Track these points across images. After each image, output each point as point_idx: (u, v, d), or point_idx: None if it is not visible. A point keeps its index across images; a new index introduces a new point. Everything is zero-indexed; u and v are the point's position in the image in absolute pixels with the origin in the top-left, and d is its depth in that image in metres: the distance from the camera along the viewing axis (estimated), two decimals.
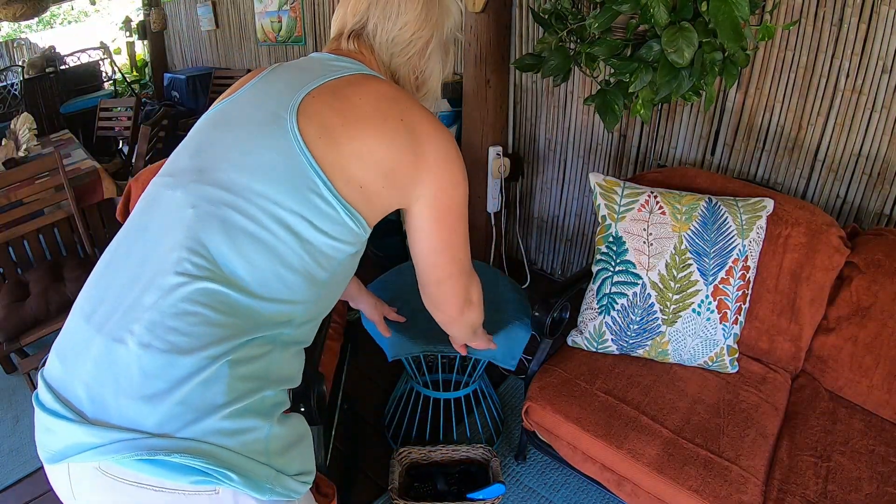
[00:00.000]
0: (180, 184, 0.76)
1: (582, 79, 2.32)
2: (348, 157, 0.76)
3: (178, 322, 0.66)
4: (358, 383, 2.11)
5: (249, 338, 0.70)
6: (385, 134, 0.79)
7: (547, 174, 2.63)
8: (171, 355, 0.65)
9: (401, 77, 0.94)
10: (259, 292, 0.71)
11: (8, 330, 1.89)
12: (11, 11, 3.95)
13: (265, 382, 0.71)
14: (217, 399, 0.65)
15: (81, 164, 2.71)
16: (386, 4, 0.88)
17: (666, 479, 1.28)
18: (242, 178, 0.73)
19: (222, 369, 0.66)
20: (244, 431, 0.66)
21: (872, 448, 1.35)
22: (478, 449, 1.68)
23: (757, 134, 1.92)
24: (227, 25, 4.52)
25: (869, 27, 1.60)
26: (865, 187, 1.75)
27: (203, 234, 0.71)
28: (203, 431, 0.64)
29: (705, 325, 1.51)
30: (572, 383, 1.50)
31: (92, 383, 0.66)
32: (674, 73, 1.36)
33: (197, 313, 0.67)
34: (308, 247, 0.74)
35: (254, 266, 0.71)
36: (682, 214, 1.54)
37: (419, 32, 0.90)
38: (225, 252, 0.70)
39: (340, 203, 0.75)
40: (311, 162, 0.74)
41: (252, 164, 0.74)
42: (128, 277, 0.71)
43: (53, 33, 9.45)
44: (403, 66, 0.93)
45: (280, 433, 0.71)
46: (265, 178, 0.73)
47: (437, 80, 0.98)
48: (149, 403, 0.63)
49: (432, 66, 0.95)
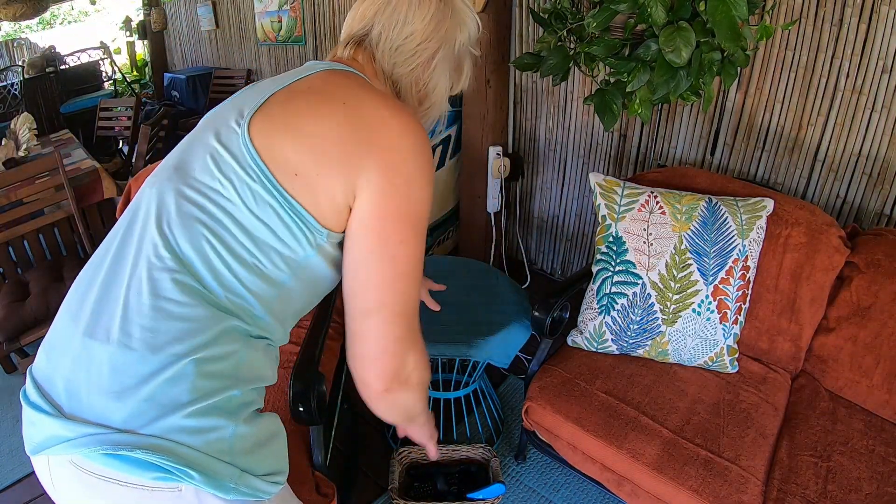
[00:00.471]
0: (157, 182, 0.78)
1: (582, 78, 2.32)
2: (282, 140, 0.74)
3: (145, 318, 0.68)
4: None
5: (214, 333, 0.69)
6: (321, 114, 0.75)
7: (547, 174, 2.62)
8: (138, 352, 0.66)
9: (402, 88, 0.90)
10: (215, 284, 0.71)
11: (8, 330, 1.89)
12: (11, 11, 3.95)
13: (232, 381, 0.71)
14: (181, 397, 0.66)
15: (81, 163, 2.71)
16: (393, 12, 0.85)
17: (666, 479, 1.28)
18: (204, 175, 0.74)
19: (188, 367, 0.66)
20: (207, 430, 0.67)
21: (872, 448, 1.35)
22: (478, 449, 1.68)
23: (757, 134, 1.92)
24: (227, 25, 4.52)
25: (869, 27, 1.60)
26: (865, 187, 1.75)
27: (167, 228, 0.72)
28: (166, 429, 0.65)
29: (705, 325, 1.51)
30: (572, 383, 1.50)
31: (70, 378, 0.68)
32: (671, 73, 1.36)
33: (161, 308, 0.68)
34: (257, 241, 0.73)
35: (208, 258, 0.71)
36: (682, 214, 1.54)
37: (426, 43, 0.86)
38: (185, 245, 0.71)
39: (282, 195, 0.72)
40: (251, 153, 0.73)
41: (212, 161, 0.75)
42: (106, 274, 0.73)
43: (53, 33, 9.45)
44: (406, 77, 0.89)
45: (247, 433, 0.71)
46: (220, 172, 0.73)
47: (442, 95, 0.93)
48: (117, 400, 0.65)
49: (437, 79, 0.91)
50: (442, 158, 2.65)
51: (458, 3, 0.89)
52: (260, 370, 0.76)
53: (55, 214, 2.26)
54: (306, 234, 0.74)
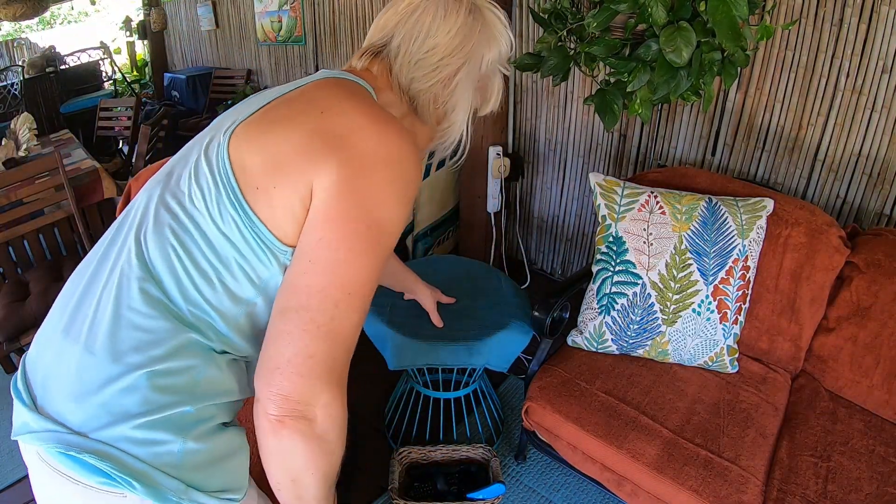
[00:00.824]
0: (150, 186, 0.77)
1: (582, 78, 2.32)
2: (249, 151, 0.69)
3: (109, 325, 0.68)
4: (358, 383, 2.10)
5: (172, 347, 0.68)
6: (293, 123, 0.70)
7: (547, 174, 2.62)
8: (99, 358, 0.67)
9: (419, 105, 0.83)
10: (179, 297, 0.69)
11: (8, 330, 1.89)
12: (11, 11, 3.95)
13: (186, 397, 0.68)
14: (132, 408, 0.65)
15: (81, 163, 2.71)
16: (416, 23, 0.79)
17: (666, 479, 1.28)
18: (184, 183, 0.72)
19: (141, 379, 0.66)
20: (155, 443, 0.66)
21: (872, 448, 1.35)
22: (478, 449, 1.68)
23: (757, 134, 1.92)
24: (228, 25, 4.52)
25: (869, 27, 1.60)
26: (865, 187, 1.75)
27: (142, 234, 0.71)
28: (115, 437, 0.65)
29: (705, 325, 1.51)
30: (572, 383, 1.50)
31: (47, 373, 0.70)
32: (672, 73, 1.36)
33: (124, 316, 0.68)
34: (221, 258, 0.69)
35: (174, 270, 0.69)
36: (682, 214, 1.54)
37: (448, 59, 0.79)
38: (154, 254, 0.70)
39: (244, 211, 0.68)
40: (224, 163, 0.69)
41: (193, 169, 0.73)
42: (91, 274, 0.73)
43: (53, 33, 9.45)
44: (424, 94, 0.82)
45: (197, 449, 0.69)
46: (195, 182, 0.71)
47: (462, 116, 0.86)
48: (76, 401, 0.66)
49: (457, 99, 0.83)
50: (442, 158, 2.65)
51: (490, 16, 0.83)
52: (222, 386, 0.73)
53: (55, 214, 2.26)
54: (269, 256, 0.70)
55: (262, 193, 0.68)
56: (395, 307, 1.57)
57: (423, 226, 2.71)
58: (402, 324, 1.51)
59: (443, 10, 0.80)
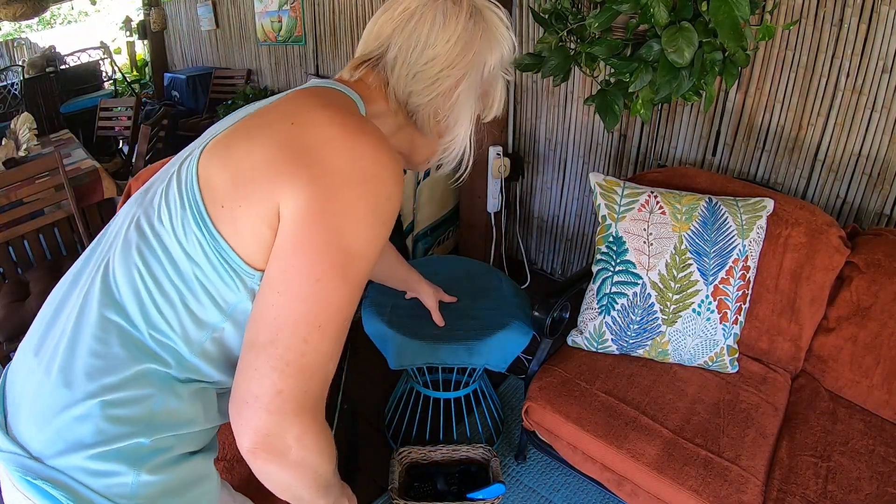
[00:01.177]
0: (129, 203, 0.74)
1: (582, 78, 2.32)
2: (216, 167, 0.65)
3: (67, 349, 0.65)
4: (358, 383, 2.11)
5: (127, 376, 0.64)
6: (262, 136, 0.65)
7: (547, 174, 2.63)
8: (55, 383, 0.65)
9: (419, 119, 0.78)
10: (141, 320, 0.65)
11: (8, 330, 1.89)
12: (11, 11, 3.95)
13: (141, 428, 0.65)
14: (85, 437, 0.63)
15: (81, 163, 2.71)
16: (413, 31, 0.73)
17: (666, 479, 1.28)
18: (157, 199, 0.69)
19: (94, 408, 0.63)
20: (107, 475, 0.63)
21: (872, 448, 1.35)
22: (478, 449, 1.68)
23: (757, 134, 1.93)
24: (228, 25, 4.52)
25: (869, 27, 1.60)
26: (865, 187, 1.75)
27: (112, 254, 0.68)
28: (69, 466, 0.63)
29: (705, 325, 1.51)
30: (572, 383, 1.50)
31: (18, 392, 0.69)
32: (674, 73, 1.36)
33: (82, 341, 0.65)
34: (185, 279, 0.65)
35: (137, 292, 0.65)
36: (682, 214, 1.54)
37: (448, 70, 0.74)
38: (119, 274, 0.66)
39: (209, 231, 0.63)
40: (192, 179, 0.65)
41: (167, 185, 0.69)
42: (65, 292, 0.71)
43: (53, 33, 9.45)
44: (424, 108, 0.77)
45: (152, 481, 0.66)
46: (165, 199, 0.67)
47: (465, 127, 0.80)
48: (36, 425, 0.65)
49: (458, 111, 0.78)
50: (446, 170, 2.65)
51: (492, 19, 0.77)
52: (182, 416, 0.68)
53: (55, 214, 2.26)
54: (235, 279, 0.65)
55: (227, 212, 0.63)
56: (396, 307, 1.57)
57: (423, 226, 2.72)
58: (403, 324, 1.51)
59: (441, 17, 0.73)
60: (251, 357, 0.61)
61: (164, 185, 0.69)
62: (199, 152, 0.67)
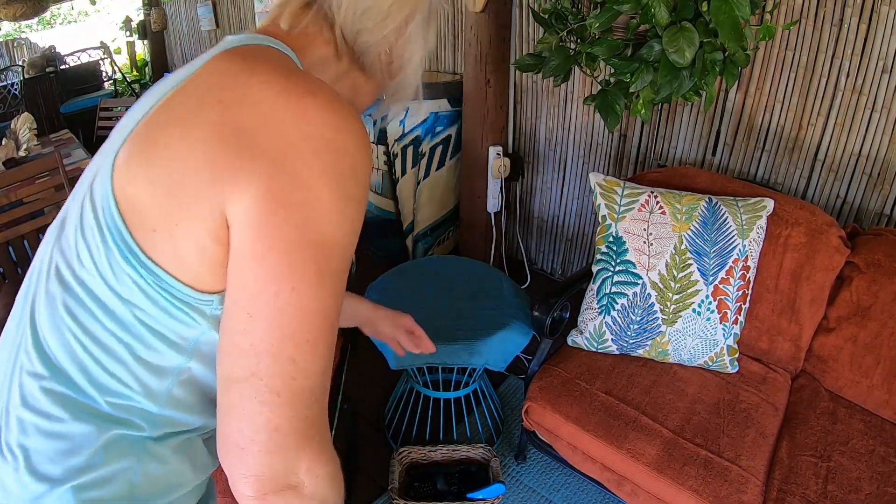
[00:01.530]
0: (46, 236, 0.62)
1: (582, 78, 2.32)
2: (136, 179, 0.52)
3: (18, 434, 0.56)
4: (358, 383, 2.11)
5: (94, 452, 0.55)
6: (185, 129, 0.52)
7: (547, 174, 2.63)
8: (18, 473, 0.55)
9: (368, 60, 0.68)
10: (89, 386, 0.55)
11: None
12: (11, 11, 3.95)
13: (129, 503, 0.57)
14: None
15: (81, 163, 2.71)
16: None
17: (666, 479, 1.28)
18: (72, 233, 0.56)
19: (66, 495, 0.54)
20: None
21: (872, 448, 1.35)
22: (478, 449, 1.68)
23: (757, 134, 1.93)
24: (228, 25, 4.52)
25: (869, 27, 1.60)
26: (865, 187, 1.75)
27: (36, 312, 0.57)
28: None
29: (705, 325, 1.51)
30: (572, 383, 1.50)
31: None
32: (674, 73, 1.36)
33: (32, 423, 0.55)
34: (125, 326, 0.54)
35: (74, 354, 0.55)
36: (682, 214, 1.54)
37: (400, 3, 0.65)
38: (50, 338, 0.56)
39: (141, 263, 0.52)
40: (109, 200, 0.53)
41: (81, 212, 0.56)
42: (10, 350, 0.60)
43: (53, 33, 9.45)
44: (374, 47, 0.66)
45: None
46: (81, 231, 0.55)
47: (418, 66, 0.72)
48: None
49: (413, 47, 0.69)
50: (442, 158, 2.65)
51: None
52: (169, 479, 0.60)
53: (55, 214, 2.26)
54: (187, 312, 0.54)
55: (161, 236, 0.52)
56: (396, 303, 1.57)
57: (423, 226, 2.72)
58: None
59: None
60: (233, 396, 0.51)
61: (78, 215, 0.56)
62: (112, 161, 0.54)
